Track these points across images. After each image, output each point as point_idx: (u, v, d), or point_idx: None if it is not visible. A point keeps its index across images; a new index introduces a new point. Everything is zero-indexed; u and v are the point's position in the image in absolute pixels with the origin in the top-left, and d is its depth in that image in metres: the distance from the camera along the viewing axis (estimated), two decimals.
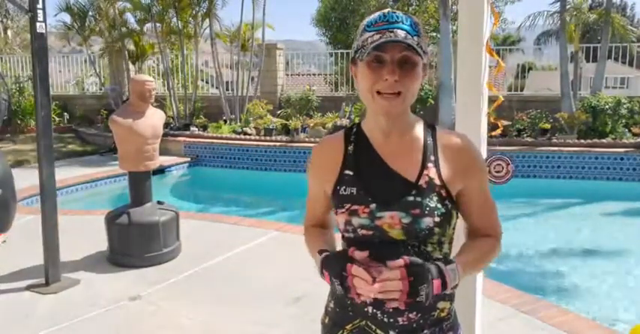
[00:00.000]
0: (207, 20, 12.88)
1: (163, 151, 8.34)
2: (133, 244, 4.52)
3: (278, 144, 10.50)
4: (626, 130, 10.19)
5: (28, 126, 12.89)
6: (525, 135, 10.38)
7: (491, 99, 2.10)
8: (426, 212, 1.27)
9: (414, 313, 1.31)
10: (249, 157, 10.53)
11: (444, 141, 1.36)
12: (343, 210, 1.32)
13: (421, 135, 1.36)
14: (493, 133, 1.97)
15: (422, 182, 1.30)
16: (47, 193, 4.12)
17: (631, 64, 24.45)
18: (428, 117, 11.46)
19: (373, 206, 1.29)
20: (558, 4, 12.13)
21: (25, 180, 7.49)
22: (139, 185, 4.65)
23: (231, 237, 5.30)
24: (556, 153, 9.59)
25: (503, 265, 5.64)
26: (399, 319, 1.31)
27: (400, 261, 1.19)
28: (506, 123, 2.17)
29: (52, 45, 19.02)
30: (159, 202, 4.81)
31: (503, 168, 1.95)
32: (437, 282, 1.20)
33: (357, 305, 1.34)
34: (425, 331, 1.33)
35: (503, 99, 2.06)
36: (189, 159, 10.74)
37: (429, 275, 1.19)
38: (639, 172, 9.25)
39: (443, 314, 1.36)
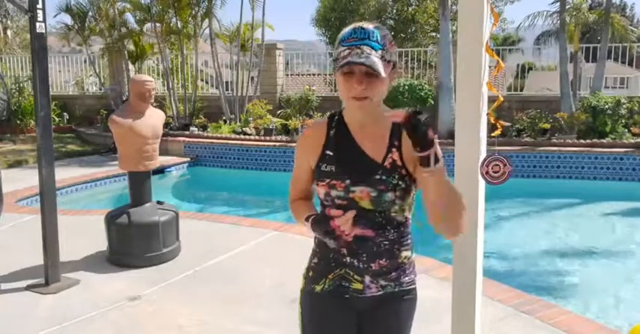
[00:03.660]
0: (207, 20, 12.88)
1: (163, 151, 8.35)
2: (133, 244, 4.52)
3: (278, 144, 10.50)
4: (626, 130, 10.19)
5: (28, 126, 12.88)
6: (525, 135, 10.38)
7: (491, 100, 2.10)
8: (389, 187, 1.58)
9: (384, 259, 1.65)
10: (249, 157, 10.53)
11: None
12: (324, 183, 1.64)
13: (389, 123, 1.61)
14: (493, 134, 1.98)
15: (387, 163, 1.60)
16: (47, 193, 4.12)
17: (631, 64, 24.51)
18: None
19: (348, 181, 1.60)
20: (558, 4, 12.13)
21: (25, 180, 7.49)
22: (139, 185, 4.65)
23: (231, 237, 5.30)
24: (556, 153, 9.59)
25: (503, 265, 5.64)
26: (372, 265, 1.64)
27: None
28: (505, 124, 2.16)
29: (51, 45, 19.02)
30: (159, 202, 4.81)
31: (500, 168, 1.96)
32: (432, 129, 1.37)
33: (337, 258, 1.67)
34: (392, 273, 1.68)
35: (503, 99, 2.06)
36: (189, 159, 10.73)
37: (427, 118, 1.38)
38: (639, 172, 9.25)
39: (405, 261, 1.70)
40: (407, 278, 1.71)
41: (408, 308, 1.74)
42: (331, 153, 1.65)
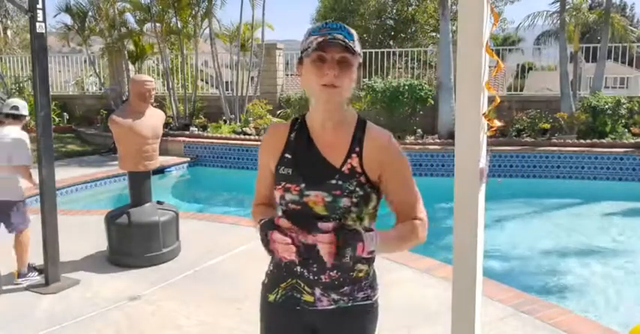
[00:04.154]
0: (207, 20, 12.88)
1: (163, 151, 8.35)
2: (133, 244, 4.53)
3: None
4: (626, 130, 10.19)
5: (28, 126, 12.85)
6: (525, 135, 10.38)
7: (491, 100, 2.10)
8: (345, 193, 1.52)
9: (335, 272, 1.57)
10: (249, 157, 10.52)
11: (371, 135, 1.59)
12: (279, 187, 1.59)
13: (352, 129, 1.60)
14: (486, 133, 1.98)
15: (345, 168, 1.55)
16: (47, 193, 4.12)
17: (631, 64, 24.50)
18: (428, 117, 11.49)
19: (303, 185, 1.55)
20: (558, 4, 12.12)
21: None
22: (139, 185, 4.65)
23: (231, 237, 5.30)
24: (556, 153, 9.59)
25: (503, 265, 5.64)
26: (322, 277, 1.58)
27: (330, 225, 1.48)
28: (499, 124, 2.16)
29: (51, 45, 19.02)
30: (158, 202, 4.82)
31: (486, 166, 1.99)
32: (360, 245, 1.43)
33: (289, 266, 1.61)
34: (345, 287, 1.60)
35: (500, 99, 2.06)
36: (188, 159, 10.74)
37: (354, 240, 1.42)
38: (639, 172, 9.25)
39: (361, 275, 1.62)
40: (362, 293, 1.63)
41: (366, 324, 1.66)
42: (289, 156, 1.61)
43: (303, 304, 1.63)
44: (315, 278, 1.58)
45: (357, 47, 1.52)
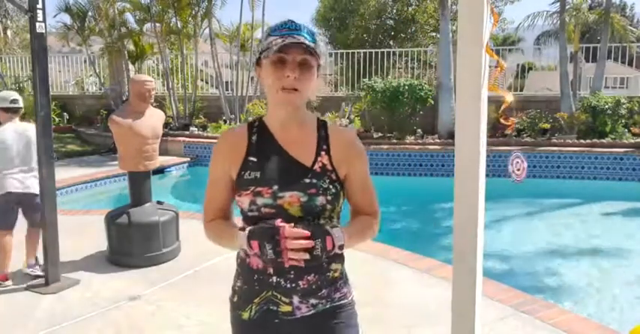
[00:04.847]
0: (207, 20, 12.89)
1: (163, 151, 8.35)
2: (133, 244, 4.53)
3: None
4: (626, 130, 10.20)
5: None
6: (525, 135, 10.38)
7: (492, 100, 2.09)
8: (320, 191, 1.51)
9: (312, 275, 1.53)
10: None
11: (335, 134, 1.60)
12: (248, 192, 1.52)
13: (315, 129, 1.60)
14: (506, 132, 1.99)
15: (316, 167, 1.54)
16: (47, 193, 4.12)
17: (630, 64, 24.49)
18: (428, 117, 11.48)
19: (275, 187, 1.51)
20: (558, 4, 12.13)
21: None
22: (139, 185, 4.65)
23: None
24: (556, 153, 9.59)
25: (503, 265, 5.64)
26: (300, 283, 1.53)
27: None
28: (515, 120, 2.16)
29: (51, 45, 19.01)
30: (158, 202, 4.82)
31: (520, 164, 1.98)
32: (329, 238, 1.43)
33: (262, 279, 1.55)
34: (323, 290, 1.57)
35: (509, 102, 2.04)
36: (188, 159, 10.74)
37: (322, 233, 1.42)
38: (639, 172, 9.25)
39: (336, 275, 1.60)
40: (338, 293, 1.61)
41: (346, 323, 1.62)
42: (254, 159, 1.56)
43: (282, 316, 1.57)
44: (293, 285, 1.53)
45: (319, 48, 1.52)
